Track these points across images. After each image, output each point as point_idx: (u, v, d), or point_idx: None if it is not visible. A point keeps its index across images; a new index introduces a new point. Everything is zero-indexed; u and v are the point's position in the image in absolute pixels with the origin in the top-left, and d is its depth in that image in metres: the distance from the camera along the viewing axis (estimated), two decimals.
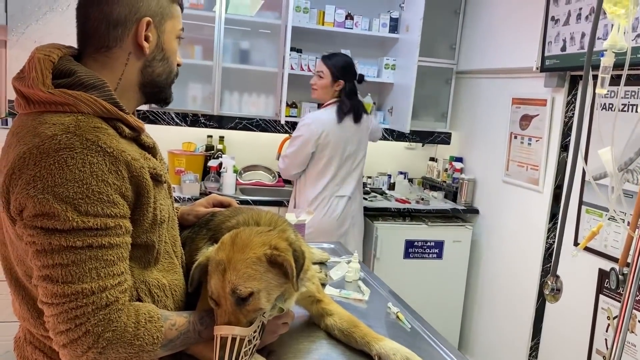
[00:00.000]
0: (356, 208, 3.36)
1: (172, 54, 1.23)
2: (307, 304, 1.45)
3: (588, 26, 2.70)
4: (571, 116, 2.96)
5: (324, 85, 3.16)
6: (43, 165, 0.98)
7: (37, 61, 1.09)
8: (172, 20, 1.21)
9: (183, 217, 1.52)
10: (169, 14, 1.20)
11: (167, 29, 1.20)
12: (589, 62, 1.07)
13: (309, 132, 3.11)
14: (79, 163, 0.99)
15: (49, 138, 1.00)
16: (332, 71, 3.13)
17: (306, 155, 3.16)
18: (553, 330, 3.02)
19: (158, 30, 1.18)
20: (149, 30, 1.16)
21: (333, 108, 3.18)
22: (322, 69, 3.16)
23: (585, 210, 2.74)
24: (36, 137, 1.01)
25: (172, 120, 3.93)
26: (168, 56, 1.22)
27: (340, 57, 3.21)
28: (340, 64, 3.15)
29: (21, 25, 3.20)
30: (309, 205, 3.15)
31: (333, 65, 3.14)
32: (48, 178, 0.98)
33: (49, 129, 1.02)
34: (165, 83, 1.24)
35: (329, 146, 3.15)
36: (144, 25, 1.15)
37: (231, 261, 1.13)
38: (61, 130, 1.01)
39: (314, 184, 3.21)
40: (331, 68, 3.13)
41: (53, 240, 0.99)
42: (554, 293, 1.13)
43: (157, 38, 1.18)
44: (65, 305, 1.00)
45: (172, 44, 1.23)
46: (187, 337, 1.15)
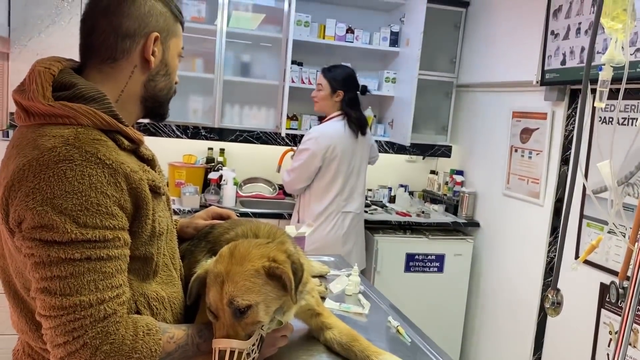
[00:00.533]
0: (362, 225, 3.36)
1: (173, 71, 1.26)
2: (307, 317, 1.44)
3: (588, 40, 2.71)
4: (571, 129, 2.96)
5: (323, 97, 3.18)
6: (42, 177, 0.98)
7: (38, 74, 1.09)
8: (176, 38, 1.24)
9: (182, 229, 1.52)
10: (173, 32, 1.23)
11: (171, 46, 1.23)
12: (587, 76, 1.07)
13: (316, 145, 3.06)
14: (78, 175, 0.99)
15: (48, 150, 1.00)
16: (330, 83, 3.14)
17: (313, 169, 3.12)
18: (555, 344, 3.00)
19: (164, 46, 1.21)
20: (156, 45, 1.19)
21: (339, 120, 3.17)
22: (321, 81, 3.19)
23: (586, 223, 2.73)
24: (36, 149, 1.02)
25: (173, 133, 3.94)
26: (170, 72, 1.25)
27: (340, 69, 3.20)
28: (339, 76, 3.15)
29: (23, 37, 3.22)
30: (314, 220, 3.12)
31: (332, 78, 3.14)
32: (47, 190, 0.98)
33: (49, 141, 1.02)
34: (165, 98, 1.27)
35: (335, 160, 3.12)
36: (152, 40, 1.17)
37: (229, 274, 1.12)
38: (60, 143, 1.01)
39: (319, 199, 3.17)
40: (330, 80, 3.14)
41: (51, 252, 0.98)
42: (555, 307, 1.13)
43: (163, 53, 1.21)
44: (63, 318, 0.99)
45: (175, 61, 1.26)
46: (185, 350, 1.15)
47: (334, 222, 3.15)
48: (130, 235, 1.09)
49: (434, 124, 4.26)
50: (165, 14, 1.20)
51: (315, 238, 3.08)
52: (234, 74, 3.85)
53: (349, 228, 3.19)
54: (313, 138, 3.09)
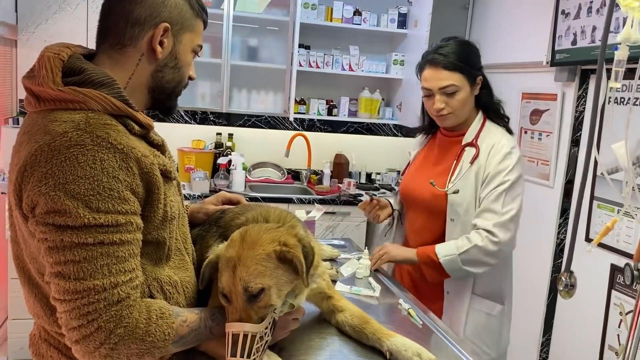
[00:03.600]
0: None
1: (184, 65, 1.24)
2: (318, 300, 1.45)
3: (599, 19, 2.67)
4: (582, 110, 2.93)
5: (463, 101, 1.90)
6: (54, 162, 0.99)
7: (47, 60, 1.10)
8: (191, 33, 1.22)
9: (193, 214, 1.53)
10: (189, 26, 1.21)
11: (184, 40, 1.21)
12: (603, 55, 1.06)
13: (521, 168, 1.94)
14: (89, 160, 1.00)
15: (59, 135, 1.01)
16: (464, 71, 1.89)
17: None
18: (565, 325, 3.00)
19: (175, 39, 1.19)
20: (166, 36, 1.17)
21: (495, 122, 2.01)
22: (448, 79, 1.87)
23: (597, 205, 2.72)
24: (47, 134, 1.02)
25: (182, 118, 3.94)
26: (180, 66, 1.22)
27: (452, 42, 1.94)
28: (464, 51, 1.93)
29: (31, 24, 3.22)
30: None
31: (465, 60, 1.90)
32: (59, 175, 0.98)
33: (60, 126, 1.02)
34: (173, 91, 1.25)
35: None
36: (161, 30, 1.15)
37: (241, 258, 1.13)
38: (72, 128, 1.02)
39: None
40: (462, 67, 1.88)
41: (65, 237, 0.99)
42: (568, 289, 1.12)
43: (173, 46, 1.19)
44: (77, 302, 1.00)
45: (187, 56, 1.23)
46: (198, 333, 1.16)
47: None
48: (142, 220, 1.09)
49: None
50: (181, 7, 1.18)
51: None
52: (241, 58, 3.84)
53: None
54: (518, 157, 1.90)
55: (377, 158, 4.40)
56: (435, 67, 1.89)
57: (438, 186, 1.91)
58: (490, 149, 1.90)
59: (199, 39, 1.25)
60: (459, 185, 1.89)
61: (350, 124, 4.27)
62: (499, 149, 1.89)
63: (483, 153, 1.90)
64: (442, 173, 1.96)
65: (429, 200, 1.94)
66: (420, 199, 1.98)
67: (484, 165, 1.89)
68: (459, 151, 1.95)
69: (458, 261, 1.82)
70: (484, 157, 1.89)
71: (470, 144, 1.94)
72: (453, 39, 1.95)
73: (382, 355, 1.30)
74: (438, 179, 1.94)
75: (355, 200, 3.74)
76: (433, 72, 1.90)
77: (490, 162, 1.88)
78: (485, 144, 1.91)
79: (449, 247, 1.86)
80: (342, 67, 3.96)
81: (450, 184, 1.90)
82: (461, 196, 1.88)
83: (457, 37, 1.98)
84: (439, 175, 1.96)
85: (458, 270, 1.84)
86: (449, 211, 1.90)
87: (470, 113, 1.97)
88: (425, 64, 1.93)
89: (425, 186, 1.94)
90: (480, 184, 1.89)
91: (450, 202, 1.89)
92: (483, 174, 1.88)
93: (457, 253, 1.82)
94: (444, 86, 1.87)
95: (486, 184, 1.87)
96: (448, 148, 2.01)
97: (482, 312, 1.94)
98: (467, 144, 1.95)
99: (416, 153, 2.16)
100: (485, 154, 1.90)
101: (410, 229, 2.08)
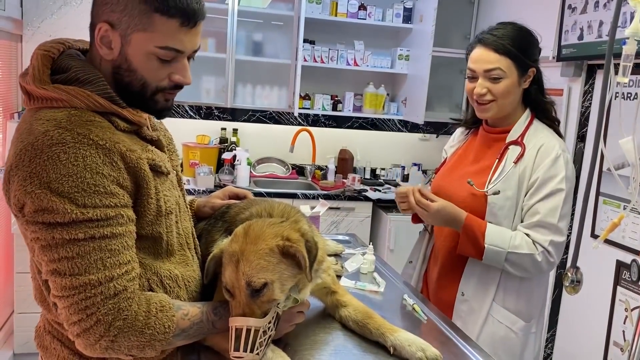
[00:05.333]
0: None
1: (141, 68, 1.10)
2: (322, 295, 1.45)
3: (606, 14, 2.65)
4: (588, 106, 2.91)
5: (507, 90, 1.72)
6: (37, 161, 1.00)
7: (36, 57, 1.10)
8: (144, 33, 1.07)
9: (199, 209, 1.53)
10: (139, 25, 1.06)
11: (134, 41, 1.08)
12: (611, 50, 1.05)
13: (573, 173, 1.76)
14: (71, 157, 1.00)
15: (41, 134, 1.01)
16: (517, 60, 1.71)
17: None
18: (569, 321, 2.99)
19: (123, 40, 1.08)
20: (111, 37, 1.08)
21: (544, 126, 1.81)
22: (496, 62, 1.70)
23: (603, 201, 2.70)
24: (31, 134, 1.03)
25: (186, 113, 3.94)
26: (135, 68, 1.10)
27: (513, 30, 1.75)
28: (519, 39, 1.73)
29: (36, 19, 3.22)
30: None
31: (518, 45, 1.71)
32: (43, 174, 0.99)
33: (42, 125, 1.03)
34: (140, 95, 1.13)
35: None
36: (98, 31, 1.09)
37: (244, 253, 1.13)
38: (53, 126, 1.02)
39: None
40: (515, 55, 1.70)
41: (55, 234, 1.00)
42: (574, 285, 1.12)
43: (121, 47, 1.09)
44: (75, 297, 1.01)
45: (141, 58, 1.09)
46: (200, 327, 1.16)
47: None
48: (135, 214, 1.10)
49: (448, 102, 4.22)
50: (128, 4, 1.05)
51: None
52: (246, 53, 3.83)
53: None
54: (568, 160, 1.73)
55: (381, 153, 4.39)
56: (485, 48, 1.71)
57: (477, 186, 1.74)
58: (538, 149, 1.71)
59: (159, 40, 1.07)
60: (500, 186, 1.71)
61: (355, 119, 4.27)
62: (549, 151, 1.70)
63: (530, 153, 1.72)
64: (481, 172, 1.78)
65: (467, 201, 1.75)
66: (455, 199, 1.76)
67: (531, 167, 1.70)
68: (502, 149, 1.77)
69: (503, 256, 1.66)
70: (531, 158, 1.71)
71: (515, 142, 1.75)
72: (512, 23, 1.77)
73: (386, 350, 1.30)
74: (477, 178, 1.76)
75: (360, 196, 3.74)
76: (481, 52, 1.72)
77: (539, 164, 1.70)
78: (533, 143, 1.73)
79: (501, 237, 1.67)
80: (347, 62, 3.95)
81: (491, 184, 1.72)
82: (502, 198, 1.70)
83: (515, 22, 1.78)
84: (477, 174, 1.78)
85: (496, 262, 1.68)
86: (488, 213, 1.72)
87: (516, 108, 1.78)
88: (476, 43, 1.75)
89: (462, 185, 1.77)
90: (525, 187, 1.71)
91: (490, 203, 1.71)
92: (530, 177, 1.70)
93: (507, 250, 1.65)
94: (489, 69, 1.69)
95: (535, 189, 1.69)
96: (490, 145, 1.82)
97: (501, 324, 1.75)
98: (511, 141, 1.76)
99: (453, 151, 1.99)
100: (533, 155, 1.71)
101: (439, 231, 1.89)
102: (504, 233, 1.68)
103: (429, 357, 1.24)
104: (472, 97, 1.77)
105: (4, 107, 3.25)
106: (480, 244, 1.67)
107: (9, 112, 3.29)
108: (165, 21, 1.06)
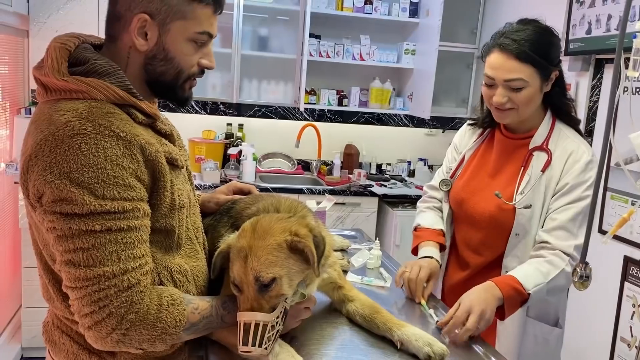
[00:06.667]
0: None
1: (177, 56, 1.16)
2: (329, 290, 1.45)
3: (615, 8, 2.63)
4: (596, 101, 2.89)
5: (529, 98, 1.61)
6: (58, 151, 1.00)
7: (54, 50, 1.11)
8: (184, 21, 1.13)
9: (204, 204, 1.53)
10: (179, 13, 1.12)
11: (173, 30, 1.13)
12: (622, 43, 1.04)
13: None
14: (92, 148, 1.00)
15: (63, 125, 1.02)
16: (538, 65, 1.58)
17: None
18: (576, 317, 2.98)
19: (161, 29, 1.12)
20: (148, 27, 1.12)
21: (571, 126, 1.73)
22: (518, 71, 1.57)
23: (610, 196, 2.69)
24: (51, 124, 1.03)
25: (192, 109, 3.95)
26: (172, 57, 1.15)
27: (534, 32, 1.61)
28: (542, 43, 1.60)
29: (42, 15, 3.22)
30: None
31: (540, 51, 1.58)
32: (63, 164, 0.99)
33: (63, 116, 1.03)
34: (172, 84, 1.18)
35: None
36: (137, 22, 1.11)
37: (252, 248, 1.13)
38: (74, 117, 1.03)
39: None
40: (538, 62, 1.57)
41: (72, 225, 1.00)
42: (583, 280, 1.11)
43: (158, 37, 1.13)
44: (88, 289, 1.02)
45: (180, 45, 1.15)
46: (209, 321, 1.16)
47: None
48: (150, 207, 1.10)
49: (454, 97, 4.20)
50: None
51: None
52: (252, 48, 3.83)
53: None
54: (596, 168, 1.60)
55: (387, 149, 4.38)
56: (505, 54, 1.56)
57: (505, 199, 1.63)
58: (568, 157, 1.61)
59: (197, 26, 1.15)
60: (529, 196, 1.61)
61: (361, 114, 4.26)
62: (579, 157, 1.60)
63: (558, 160, 1.62)
64: (506, 183, 1.68)
65: (495, 215, 1.65)
66: (481, 213, 1.69)
67: (559, 175, 1.61)
68: (527, 156, 1.66)
69: (544, 291, 1.53)
70: (559, 165, 1.61)
71: (540, 147, 1.65)
72: (533, 22, 1.62)
73: (393, 345, 1.30)
74: (503, 190, 1.65)
75: (366, 191, 3.74)
76: (501, 59, 1.56)
77: (569, 170, 1.60)
78: (560, 150, 1.63)
79: (533, 275, 1.53)
80: (353, 56, 3.94)
81: (518, 195, 1.62)
82: (532, 210, 1.61)
83: (536, 20, 1.63)
84: (503, 186, 1.67)
85: (538, 301, 1.57)
86: (516, 226, 1.62)
87: (537, 112, 1.67)
88: (494, 47, 1.59)
89: (489, 198, 1.66)
90: (551, 193, 1.61)
91: (519, 216, 1.62)
92: (558, 182, 1.61)
93: (546, 281, 1.52)
94: (509, 79, 1.56)
95: (563, 194, 1.60)
96: (511, 152, 1.71)
97: (537, 337, 1.68)
98: (536, 147, 1.65)
99: (470, 155, 1.83)
100: (562, 162, 1.61)
101: (466, 245, 1.79)
102: (529, 269, 1.55)
103: (435, 351, 1.24)
104: (491, 104, 1.64)
105: (11, 102, 3.26)
106: (525, 295, 1.51)
107: (16, 107, 3.31)
108: (203, 8, 1.14)
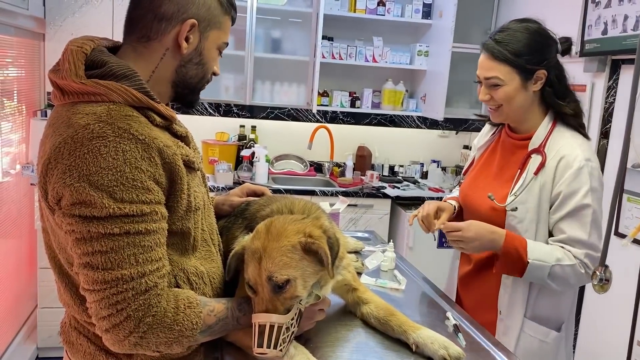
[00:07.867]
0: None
1: (209, 61, 1.24)
2: (343, 292, 1.44)
3: (631, 8, 2.60)
4: (612, 102, 2.86)
5: (508, 97, 1.66)
6: (77, 154, 1.00)
7: (70, 53, 1.11)
8: (218, 30, 1.22)
9: (218, 206, 1.53)
10: (217, 23, 1.21)
11: (210, 37, 1.21)
12: None
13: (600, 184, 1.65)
14: (112, 151, 1.01)
15: (82, 128, 1.02)
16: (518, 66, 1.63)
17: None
18: (592, 321, 2.95)
19: (201, 35, 1.19)
20: (192, 32, 1.17)
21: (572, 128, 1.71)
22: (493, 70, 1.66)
23: (627, 198, 2.66)
24: (70, 127, 1.04)
25: (205, 111, 3.97)
26: (205, 62, 1.23)
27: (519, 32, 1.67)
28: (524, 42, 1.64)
29: (58, 18, 3.26)
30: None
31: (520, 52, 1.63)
32: (83, 167, 1.00)
33: (82, 118, 1.04)
34: (196, 87, 1.26)
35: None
36: (188, 27, 1.16)
37: (267, 249, 1.13)
38: (94, 120, 1.03)
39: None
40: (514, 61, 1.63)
41: (91, 228, 1.01)
42: (603, 283, 1.10)
43: (199, 42, 1.20)
44: (106, 292, 1.02)
45: (212, 52, 1.24)
46: (225, 323, 1.16)
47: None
48: (167, 210, 1.10)
49: (468, 98, 4.18)
50: (210, 4, 1.18)
51: None
52: (265, 50, 3.84)
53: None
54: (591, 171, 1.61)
55: (400, 150, 4.37)
56: (487, 54, 1.67)
57: (497, 200, 1.67)
58: (559, 161, 1.62)
59: (225, 36, 1.25)
60: (521, 198, 1.64)
61: (374, 116, 4.25)
62: (571, 162, 1.60)
63: (550, 163, 1.63)
64: (504, 183, 1.72)
65: (488, 215, 1.70)
66: (478, 211, 1.76)
67: (552, 179, 1.63)
68: (524, 158, 1.69)
69: (546, 271, 1.57)
70: (551, 169, 1.63)
71: (537, 150, 1.67)
72: (524, 22, 1.69)
73: (408, 348, 1.30)
74: (499, 190, 1.70)
75: (379, 193, 3.73)
76: (482, 58, 1.69)
77: (560, 177, 1.61)
78: (554, 153, 1.64)
79: (544, 251, 1.59)
80: (366, 58, 3.93)
81: (510, 197, 1.66)
82: (521, 213, 1.64)
83: (530, 20, 1.70)
84: (500, 186, 1.72)
85: (538, 278, 1.61)
86: (507, 227, 1.67)
87: (534, 112, 1.70)
88: (482, 48, 1.71)
89: (484, 197, 1.71)
90: (547, 200, 1.64)
91: (509, 217, 1.66)
92: (552, 190, 1.63)
93: (552, 264, 1.57)
94: (487, 77, 1.67)
95: (559, 205, 1.61)
96: (512, 152, 1.75)
97: (535, 338, 1.71)
98: (533, 149, 1.68)
99: (481, 152, 1.91)
100: (553, 166, 1.63)
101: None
102: (546, 247, 1.61)
103: (451, 355, 1.23)
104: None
105: (27, 104, 3.29)
106: (524, 260, 1.58)
107: (32, 109, 3.34)
108: (227, 20, 1.24)
